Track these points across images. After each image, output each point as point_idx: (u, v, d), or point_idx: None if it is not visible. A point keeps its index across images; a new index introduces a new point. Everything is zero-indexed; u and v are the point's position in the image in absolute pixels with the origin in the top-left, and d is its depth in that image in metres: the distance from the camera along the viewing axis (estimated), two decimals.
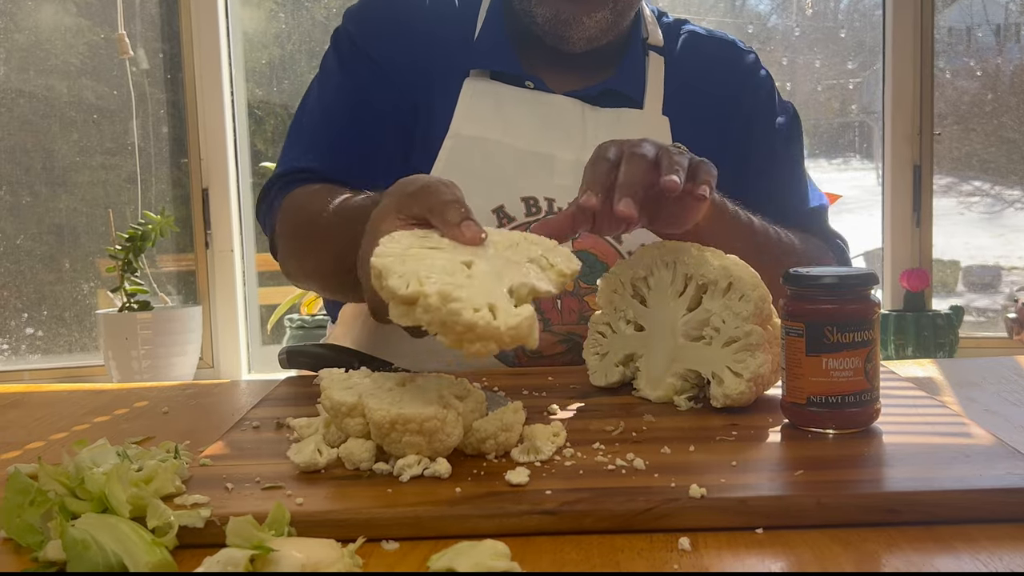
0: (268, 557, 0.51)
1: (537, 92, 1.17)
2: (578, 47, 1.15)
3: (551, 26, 1.13)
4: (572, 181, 1.14)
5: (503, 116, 1.15)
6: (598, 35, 1.14)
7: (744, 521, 0.57)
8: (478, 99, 1.15)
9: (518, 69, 1.17)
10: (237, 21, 3.04)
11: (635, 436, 0.73)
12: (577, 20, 1.11)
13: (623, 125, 1.17)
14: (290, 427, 0.77)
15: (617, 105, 1.18)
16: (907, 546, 0.54)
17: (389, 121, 1.17)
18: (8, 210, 2.98)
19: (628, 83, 1.19)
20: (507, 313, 0.64)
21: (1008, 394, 0.92)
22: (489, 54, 1.17)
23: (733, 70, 1.26)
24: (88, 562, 0.52)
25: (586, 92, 1.18)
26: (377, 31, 1.19)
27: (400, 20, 1.19)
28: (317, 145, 1.18)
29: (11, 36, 2.98)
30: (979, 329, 3.19)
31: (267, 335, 3.15)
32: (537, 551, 0.55)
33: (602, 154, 0.85)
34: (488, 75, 1.17)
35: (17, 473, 0.60)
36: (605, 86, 1.18)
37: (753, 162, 1.22)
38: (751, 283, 0.80)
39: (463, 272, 0.69)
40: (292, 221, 1.11)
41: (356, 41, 1.19)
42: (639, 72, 1.20)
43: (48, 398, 1.06)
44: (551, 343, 1.12)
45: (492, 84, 1.16)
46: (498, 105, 1.15)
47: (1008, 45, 3.24)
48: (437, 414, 0.65)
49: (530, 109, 1.16)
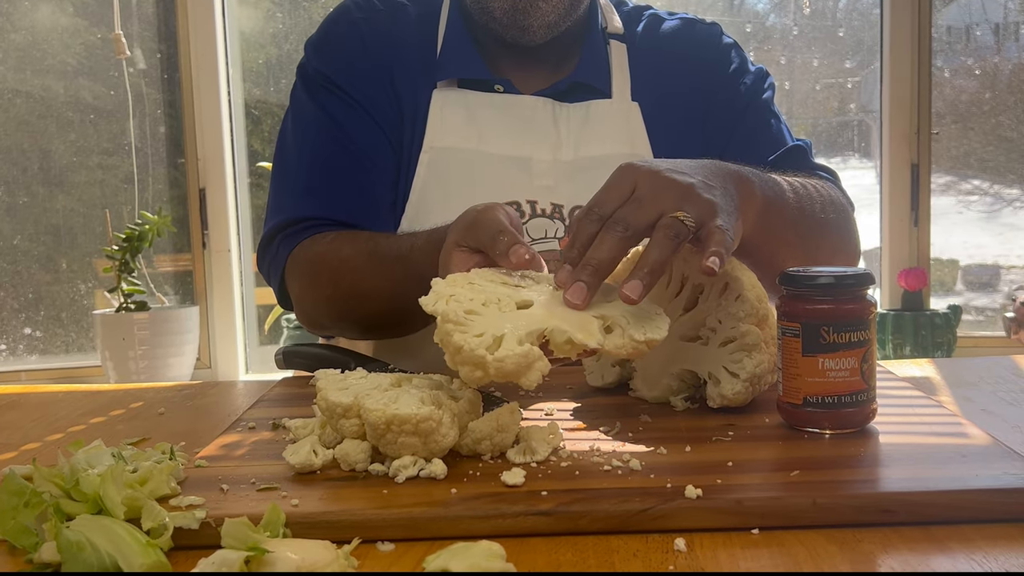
0: (263, 558, 0.51)
1: (506, 95, 1.16)
2: (539, 36, 1.13)
3: (509, 17, 1.11)
4: (552, 181, 1.14)
5: (476, 124, 1.15)
6: (556, 20, 1.13)
7: (740, 522, 0.57)
8: (449, 109, 1.15)
9: (486, 74, 1.16)
10: (234, 21, 3.04)
11: (631, 436, 0.73)
12: (534, 5, 1.10)
13: (594, 117, 1.17)
14: (286, 428, 0.77)
15: (586, 98, 1.18)
16: (903, 546, 0.54)
17: (373, 151, 1.16)
18: (5, 210, 2.98)
19: (592, 73, 1.19)
20: (505, 348, 0.66)
21: (1005, 394, 0.92)
22: (456, 63, 1.16)
23: (693, 45, 1.24)
24: (83, 564, 0.52)
25: (554, 88, 1.17)
26: (343, 60, 1.17)
27: (363, 45, 1.17)
28: (313, 191, 1.15)
29: (7, 36, 2.97)
30: (977, 328, 3.19)
31: (264, 335, 3.15)
32: (533, 552, 0.55)
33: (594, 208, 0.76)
34: (456, 84, 1.17)
35: (12, 475, 0.59)
36: (572, 79, 1.18)
37: (729, 126, 1.20)
38: (747, 283, 0.80)
39: (503, 305, 0.71)
40: (317, 270, 1.09)
41: (324, 72, 1.17)
42: (602, 61, 1.20)
43: (45, 399, 1.06)
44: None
45: (461, 93, 1.16)
46: (469, 113, 1.15)
47: (1006, 44, 3.24)
48: (433, 415, 0.65)
49: (501, 113, 1.16)
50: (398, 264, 1.00)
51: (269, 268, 1.18)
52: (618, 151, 1.16)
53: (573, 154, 1.16)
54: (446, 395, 0.71)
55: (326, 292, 1.09)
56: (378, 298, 1.05)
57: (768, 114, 1.23)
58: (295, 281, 1.13)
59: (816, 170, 1.20)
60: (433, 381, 0.74)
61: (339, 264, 1.07)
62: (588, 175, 1.07)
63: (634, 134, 1.18)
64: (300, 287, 1.12)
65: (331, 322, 1.14)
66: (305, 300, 1.13)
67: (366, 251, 1.05)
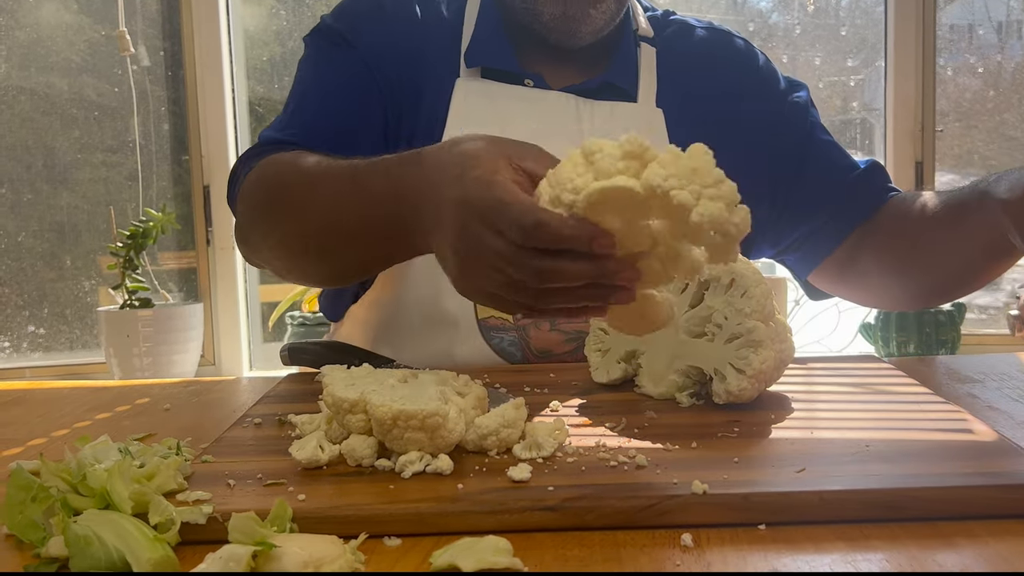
0: (270, 553, 0.51)
1: (531, 89, 1.15)
2: (584, 41, 1.14)
3: (559, 23, 1.11)
4: None
5: (499, 116, 1.13)
6: (603, 26, 1.14)
7: (746, 517, 0.57)
8: (472, 100, 1.13)
9: (516, 67, 1.15)
10: (238, 18, 3.03)
11: (637, 432, 0.73)
12: (585, 14, 1.10)
13: (617, 119, 1.16)
14: (292, 424, 0.77)
15: (612, 98, 1.17)
16: (910, 542, 0.54)
17: (367, 111, 1.13)
18: (9, 207, 2.98)
19: (622, 75, 1.18)
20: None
21: (1010, 391, 0.92)
22: (486, 53, 1.15)
23: (729, 62, 1.24)
24: (90, 558, 0.52)
25: (584, 86, 1.16)
26: (366, 21, 1.16)
27: (388, 16, 1.16)
28: (295, 123, 1.12)
29: (12, 33, 2.97)
30: (981, 326, 3.19)
31: (268, 332, 3.15)
32: (539, 547, 0.55)
33: None
34: (479, 74, 1.15)
35: (19, 470, 0.60)
36: (603, 79, 1.17)
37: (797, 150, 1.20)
38: (753, 279, 0.80)
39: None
40: (272, 183, 1.02)
41: (343, 33, 1.15)
42: (632, 64, 1.19)
43: (50, 395, 1.06)
44: (559, 342, 1.12)
45: (485, 84, 1.14)
46: (493, 105, 1.14)
47: (1010, 42, 3.23)
48: (439, 410, 0.65)
49: (525, 107, 1.14)
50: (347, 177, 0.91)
51: (232, 190, 1.11)
52: None
53: None
54: (452, 391, 0.71)
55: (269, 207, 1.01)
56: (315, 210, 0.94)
57: (824, 131, 1.24)
58: (249, 196, 1.05)
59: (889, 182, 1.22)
60: (439, 377, 0.74)
61: (285, 168, 1.00)
62: None
63: (656, 141, 1.16)
64: (247, 204, 1.05)
65: (261, 238, 1.04)
66: (248, 217, 1.05)
67: (316, 161, 0.97)
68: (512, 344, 1.12)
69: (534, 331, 1.12)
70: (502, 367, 1.08)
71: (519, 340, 1.12)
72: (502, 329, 1.12)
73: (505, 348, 1.12)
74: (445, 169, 0.75)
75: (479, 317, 1.12)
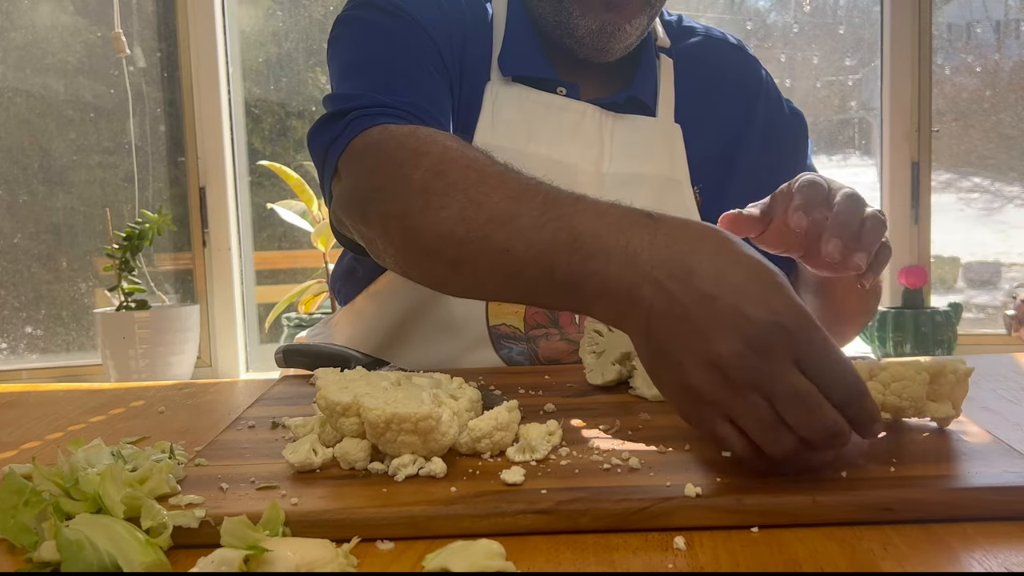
0: (263, 557, 0.51)
1: (561, 97, 1.13)
2: (615, 56, 1.12)
3: (593, 38, 1.09)
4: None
5: (527, 122, 1.11)
6: (634, 41, 1.12)
7: (739, 520, 0.57)
8: (501, 105, 1.11)
9: (552, 74, 1.13)
10: (234, 19, 3.03)
11: (631, 435, 0.73)
12: (620, 29, 1.08)
13: (638, 134, 1.15)
14: (286, 426, 0.77)
15: (633, 112, 1.16)
16: (903, 544, 0.54)
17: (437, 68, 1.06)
18: (5, 209, 2.98)
19: (645, 90, 1.17)
20: None
21: (1005, 391, 0.92)
22: (521, 61, 1.12)
23: (741, 77, 1.24)
24: (82, 562, 0.52)
25: (611, 99, 1.15)
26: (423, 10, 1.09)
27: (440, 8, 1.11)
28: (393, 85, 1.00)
29: (7, 34, 2.97)
30: (978, 326, 3.19)
31: (264, 334, 3.16)
32: (532, 550, 0.55)
33: (814, 179, 0.87)
34: (510, 79, 1.12)
35: (12, 473, 0.59)
36: (628, 93, 1.15)
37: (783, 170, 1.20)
38: None
39: None
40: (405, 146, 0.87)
41: (398, 3, 1.07)
42: (653, 78, 1.18)
43: (45, 397, 1.06)
44: (566, 351, 1.12)
45: (516, 88, 1.12)
46: (522, 111, 1.11)
47: (1007, 41, 3.24)
48: (432, 413, 0.65)
49: (555, 115, 1.12)
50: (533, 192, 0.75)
51: (328, 147, 0.98)
52: (659, 172, 1.14)
53: (615, 167, 1.13)
54: (446, 394, 0.71)
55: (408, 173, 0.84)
56: (478, 207, 0.76)
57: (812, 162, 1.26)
58: (356, 163, 0.93)
59: None
60: (433, 380, 0.74)
61: (451, 152, 0.84)
62: (627, 191, 1.03)
63: (675, 156, 1.16)
64: (364, 168, 0.92)
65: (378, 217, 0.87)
66: (363, 181, 0.91)
67: (492, 162, 0.81)
68: (521, 354, 1.11)
69: (543, 341, 1.11)
70: (496, 369, 1.08)
71: (528, 350, 1.11)
72: (513, 338, 1.11)
73: (514, 358, 1.11)
74: (725, 276, 0.60)
75: (490, 324, 1.11)
